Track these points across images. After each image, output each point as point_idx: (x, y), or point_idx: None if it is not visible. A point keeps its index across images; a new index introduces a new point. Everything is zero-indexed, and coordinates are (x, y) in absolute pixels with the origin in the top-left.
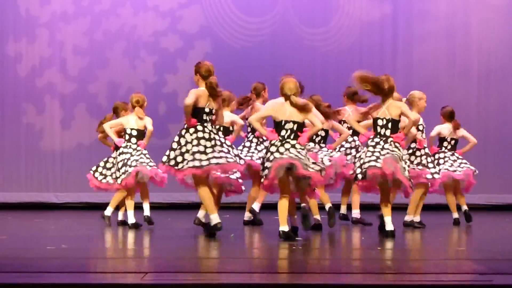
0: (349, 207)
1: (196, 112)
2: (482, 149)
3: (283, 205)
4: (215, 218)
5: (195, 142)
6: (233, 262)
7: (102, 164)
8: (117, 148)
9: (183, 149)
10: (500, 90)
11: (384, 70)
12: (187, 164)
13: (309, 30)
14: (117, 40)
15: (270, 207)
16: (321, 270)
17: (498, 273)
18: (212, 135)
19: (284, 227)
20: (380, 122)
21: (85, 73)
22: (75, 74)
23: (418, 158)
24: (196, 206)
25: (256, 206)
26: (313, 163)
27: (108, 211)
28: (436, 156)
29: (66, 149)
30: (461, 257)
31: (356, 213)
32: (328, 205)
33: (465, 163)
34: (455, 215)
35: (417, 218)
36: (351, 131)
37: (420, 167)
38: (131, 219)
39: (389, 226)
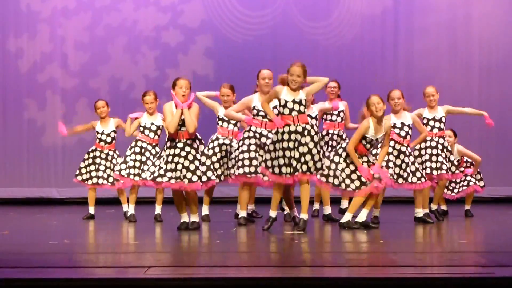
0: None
1: None
2: (484, 141)
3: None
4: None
5: None
6: (235, 256)
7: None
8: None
9: None
10: (502, 82)
11: (385, 63)
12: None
13: (310, 24)
14: (118, 35)
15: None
16: (324, 263)
17: (500, 265)
18: None
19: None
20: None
21: (86, 68)
22: (76, 70)
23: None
24: (199, 201)
25: None
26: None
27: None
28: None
29: (67, 145)
30: (463, 250)
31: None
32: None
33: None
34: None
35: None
36: None
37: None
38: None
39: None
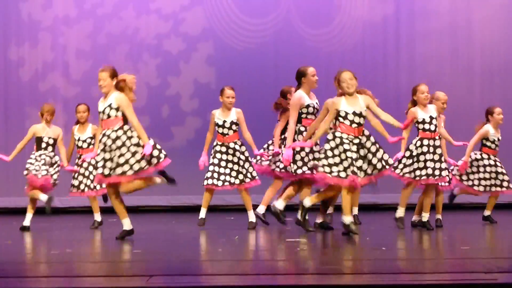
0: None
1: None
2: None
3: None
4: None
5: None
6: (238, 264)
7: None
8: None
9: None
10: (504, 87)
11: (388, 68)
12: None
13: (311, 31)
14: (120, 43)
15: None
16: (326, 271)
17: (503, 271)
18: None
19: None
20: None
21: (88, 76)
22: (78, 78)
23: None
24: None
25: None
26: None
27: None
28: None
29: None
30: (465, 256)
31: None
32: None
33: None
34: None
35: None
36: None
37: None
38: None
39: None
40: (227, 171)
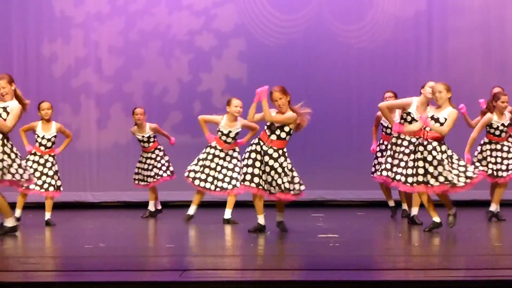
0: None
1: None
2: None
3: None
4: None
5: None
6: (270, 259)
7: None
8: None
9: None
10: None
11: (419, 65)
12: None
13: (343, 27)
14: (152, 39)
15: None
16: (362, 266)
17: None
18: None
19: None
20: None
21: (120, 72)
22: (110, 74)
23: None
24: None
25: None
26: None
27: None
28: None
29: (102, 149)
30: (498, 253)
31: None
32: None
33: None
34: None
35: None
36: None
37: None
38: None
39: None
40: (220, 176)
